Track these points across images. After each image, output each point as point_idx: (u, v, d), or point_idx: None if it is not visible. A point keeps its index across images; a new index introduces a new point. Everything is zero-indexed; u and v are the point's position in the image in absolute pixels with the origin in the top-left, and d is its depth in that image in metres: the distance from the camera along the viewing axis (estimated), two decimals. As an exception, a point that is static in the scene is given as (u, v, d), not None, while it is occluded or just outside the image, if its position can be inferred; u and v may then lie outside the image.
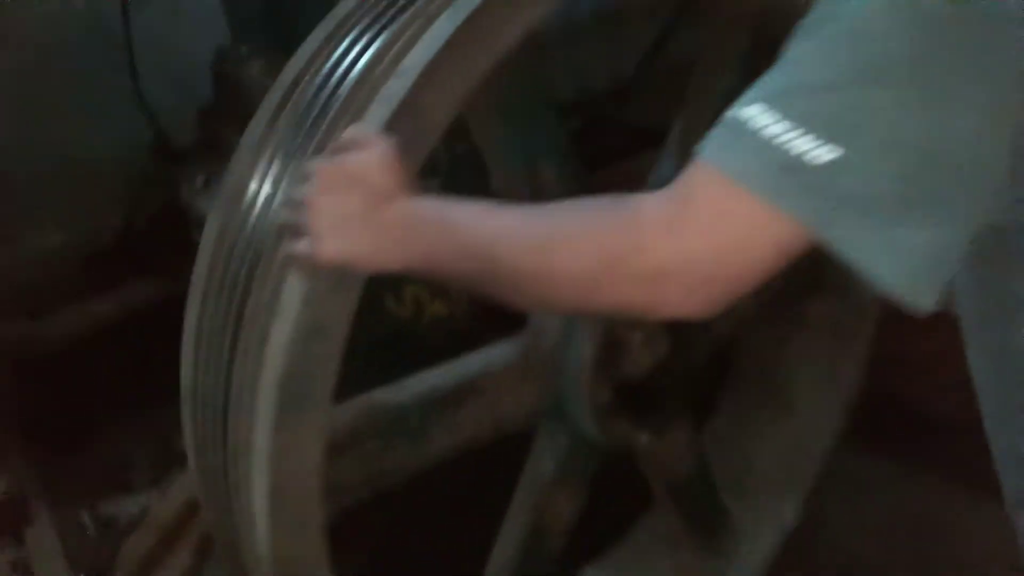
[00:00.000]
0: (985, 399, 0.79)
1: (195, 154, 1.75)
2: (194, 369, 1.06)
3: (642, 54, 1.81)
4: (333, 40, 1.05)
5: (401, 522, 1.59)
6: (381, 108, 0.88)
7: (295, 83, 1.05)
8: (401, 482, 1.15)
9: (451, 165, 1.42)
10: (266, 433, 0.88)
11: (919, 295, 0.58)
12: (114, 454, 1.93)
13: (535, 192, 1.15)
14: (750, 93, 0.61)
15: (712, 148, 0.61)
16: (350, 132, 0.88)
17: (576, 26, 1.38)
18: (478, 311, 1.56)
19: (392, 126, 0.87)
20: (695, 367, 1.29)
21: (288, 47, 1.12)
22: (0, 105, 2.28)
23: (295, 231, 0.84)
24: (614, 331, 1.15)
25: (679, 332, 1.22)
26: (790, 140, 0.56)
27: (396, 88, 0.88)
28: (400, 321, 1.56)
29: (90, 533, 1.64)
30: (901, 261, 0.57)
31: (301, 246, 0.83)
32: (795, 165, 0.56)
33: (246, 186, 1.04)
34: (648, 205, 0.64)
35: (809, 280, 1.48)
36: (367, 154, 0.82)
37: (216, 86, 1.69)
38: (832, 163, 0.56)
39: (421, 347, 1.58)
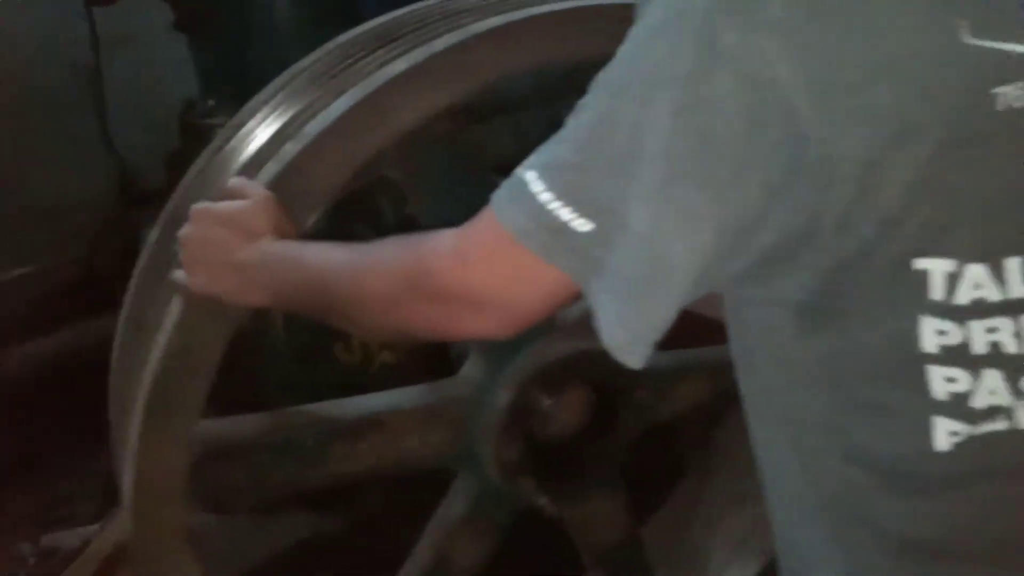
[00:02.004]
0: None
1: (159, 198, 1.80)
2: (114, 366, 1.18)
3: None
4: (265, 103, 1.15)
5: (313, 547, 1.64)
6: (273, 166, 0.99)
7: (227, 138, 1.14)
8: (293, 495, 1.28)
9: (399, 225, 1.49)
10: (135, 434, 0.99)
11: (630, 357, 0.68)
12: (59, 488, 1.94)
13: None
14: (534, 156, 0.69)
15: (499, 200, 0.70)
16: (234, 182, 0.99)
17: (516, 99, 1.46)
18: (425, 360, 1.61)
19: (278, 183, 0.96)
20: (621, 445, 1.32)
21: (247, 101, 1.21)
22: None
23: (176, 262, 0.95)
24: (529, 393, 1.20)
25: (602, 408, 1.26)
26: (557, 208, 0.65)
27: (289, 150, 0.99)
28: (349, 368, 1.61)
29: (30, 563, 1.66)
30: (623, 326, 0.67)
31: (178, 275, 0.95)
32: (562, 230, 0.65)
33: (169, 220, 1.15)
34: (444, 237, 0.74)
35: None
36: (242, 201, 0.93)
37: (183, 134, 1.76)
38: (587, 234, 0.65)
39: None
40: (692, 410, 1.45)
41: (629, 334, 0.67)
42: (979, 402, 0.65)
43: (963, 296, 0.64)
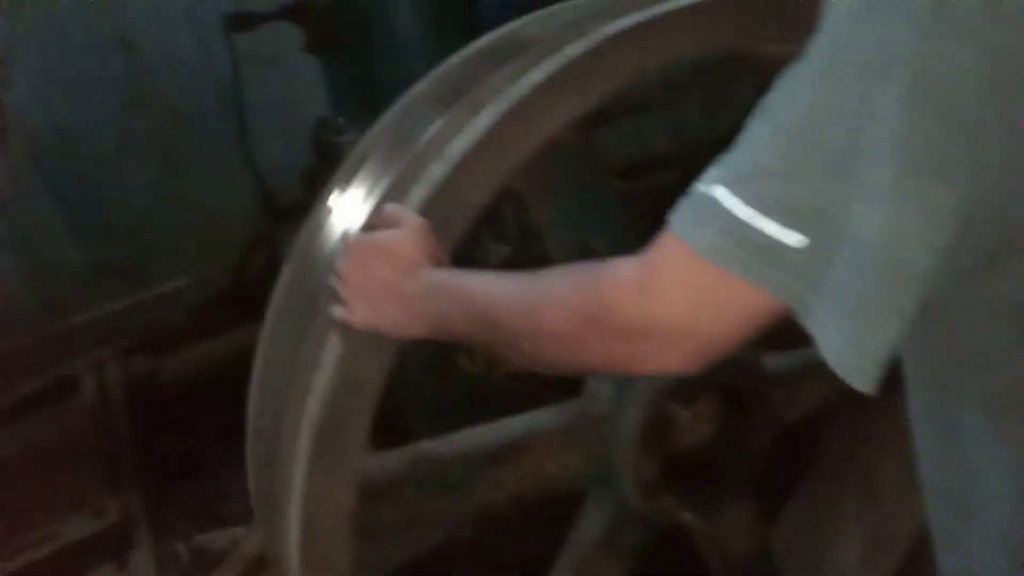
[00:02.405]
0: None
1: (297, 213, 1.88)
2: (256, 406, 1.18)
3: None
4: (395, 126, 1.15)
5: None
6: (421, 189, 0.97)
7: (362, 159, 1.15)
8: (441, 526, 1.20)
9: (521, 233, 1.49)
10: (301, 475, 0.97)
11: (864, 380, 0.59)
12: (217, 488, 2.07)
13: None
14: (716, 170, 0.63)
15: (683, 223, 0.63)
16: (388, 210, 0.96)
17: (637, 101, 1.42)
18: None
19: (429, 206, 0.94)
20: (756, 450, 1.27)
21: (376, 119, 1.24)
22: (140, 164, 2.56)
23: (334, 296, 0.93)
24: (664, 406, 1.15)
25: (735, 413, 1.22)
26: (759, 222, 0.59)
27: (437, 171, 0.96)
28: (473, 378, 1.63)
29: (184, 562, 1.78)
30: (856, 347, 0.58)
31: (337, 311, 0.92)
32: (767, 246, 0.59)
33: (312, 245, 1.15)
34: (623, 268, 0.69)
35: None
36: (398, 231, 0.90)
37: (316, 151, 1.83)
38: (799, 247, 0.58)
39: (494, 403, 1.64)
40: (819, 409, 1.38)
41: (864, 356, 0.58)
42: None
43: None
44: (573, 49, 1.01)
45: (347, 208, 1.12)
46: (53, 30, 2.40)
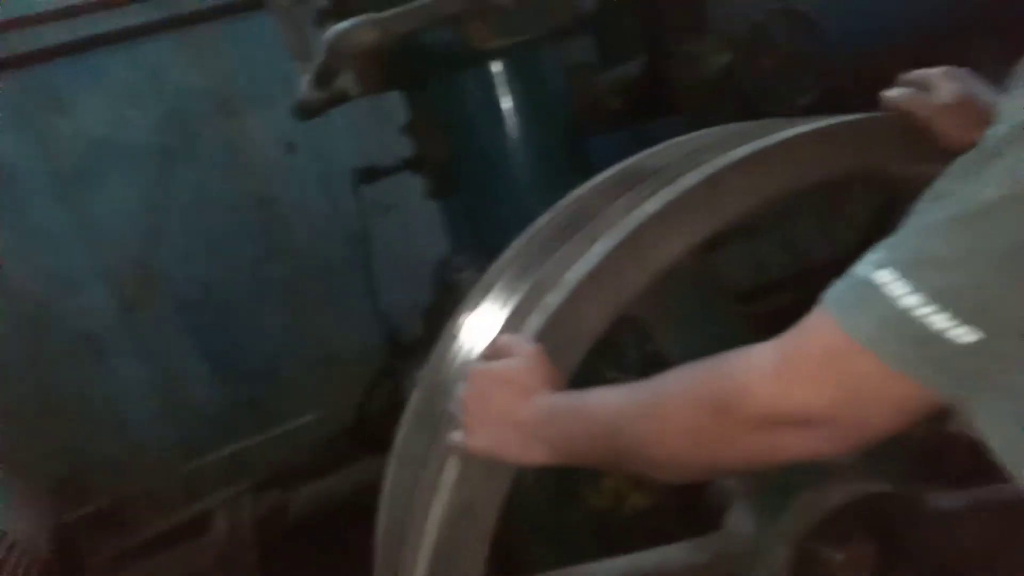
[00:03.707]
0: None
1: (419, 349, 1.95)
2: (382, 531, 1.19)
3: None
4: (514, 260, 1.20)
5: None
6: (537, 318, 0.99)
7: (484, 292, 1.20)
8: None
9: (642, 362, 1.48)
10: None
11: None
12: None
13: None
14: (879, 254, 0.60)
15: (839, 306, 0.61)
16: (503, 340, 0.98)
17: (750, 225, 1.43)
18: (681, 504, 1.55)
19: (544, 335, 0.96)
20: None
21: (494, 258, 1.30)
22: (273, 309, 2.74)
23: (454, 423, 0.95)
24: (814, 546, 1.07)
25: (892, 557, 1.13)
26: (927, 315, 0.56)
27: (552, 300, 0.98)
28: (599, 511, 1.59)
29: None
30: (1019, 447, 0.55)
31: (456, 436, 0.93)
32: (932, 340, 0.56)
33: (437, 374, 1.18)
34: (755, 353, 0.66)
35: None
36: (515, 359, 0.92)
37: (436, 290, 1.91)
38: (970, 345, 0.55)
39: (622, 538, 1.59)
40: (979, 554, 1.25)
41: None
42: None
43: None
44: (691, 178, 1.03)
45: (470, 337, 1.16)
46: (199, 192, 2.66)
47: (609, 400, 0.80)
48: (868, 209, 1.80)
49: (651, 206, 1.02)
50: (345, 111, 1.98)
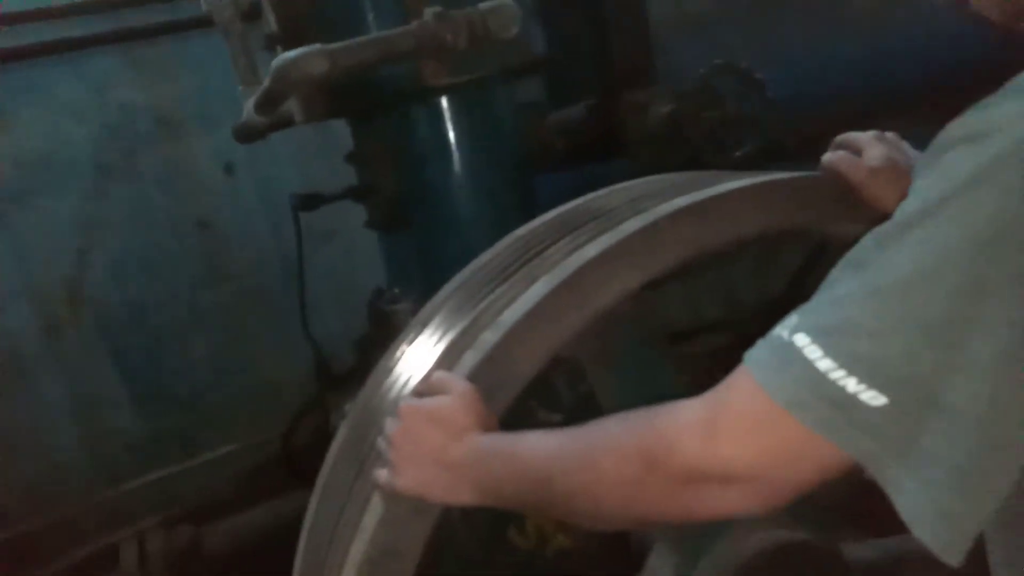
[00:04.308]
0: None
1: (349, 381, 1.91)
2: (301, 565, 1.16)
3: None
4: (454, 295, 1.19)
5: None
6: (472, 356, 0.98)
7: (421, 326, 1.19)
8: None
9: (574, 402, 1.48)
10: None
11: (955, 555, 0.56)
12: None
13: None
14: (797, 318, 0.62)
15: (759, 367, 0.62)
16: (437, 376, 0.96)
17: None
18: (604, 546, 1.55)
19: (479, 373, 0.95)
20: None
21: (432, 291, 1.28)
22: (205, 336, 2.67)
23: (381, 460, 0.92)
24: None
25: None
26: (840, 378, 0.57)
27: (488, 339, 0.98)
28: (524, 553, 1.57)
29: None
30: (949, 522, 0.56)
31: (383, 475, 0.91)
32: (846, 403, 0.57)
33: (366, 408, 1.16)
34: (686, 409, 0.67)
35: None
36: (447, 396, 0.90)
37: (371, 320, 1.89)
38: (881, 409, 0.56)
39: (546, 578, 1.57)
40: None
41: (957, 530, 0.56)
42: None
43: None
44: (631, 225, 1.05)
45: (402, 372, 1.14)
46: (136, 212, 2.59)
47: (539, 447, 0.79)
48: (800, 257, 1.85)
49: (592, 250, 1.03)
50: (289, 135, 1.96)
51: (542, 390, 1.56)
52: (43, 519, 2.44)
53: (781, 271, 1.90)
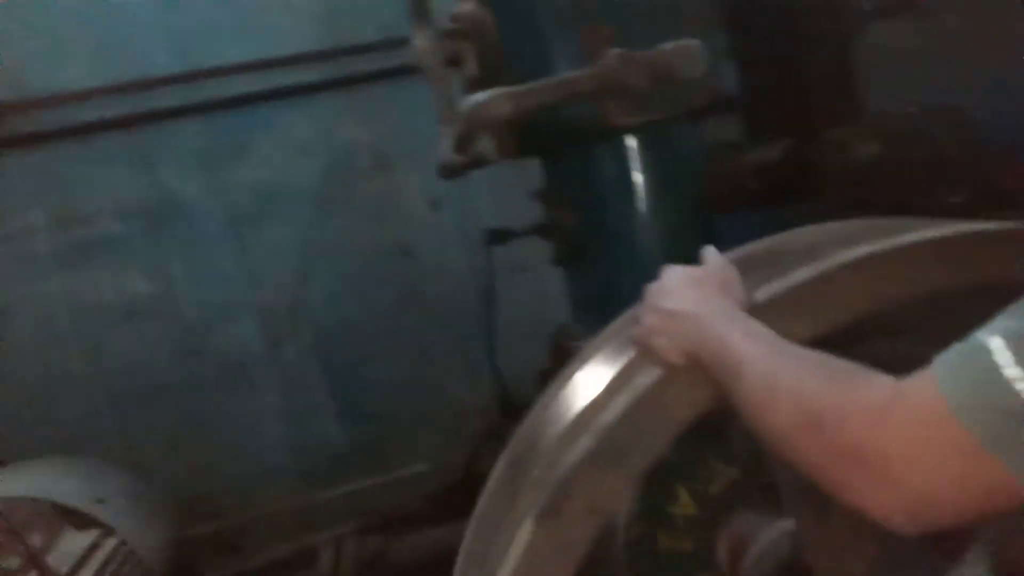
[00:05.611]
0: None
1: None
2: None
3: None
4: (621, 328, 1.19)
5: None
6: (624, 398, 0.99)
7: (584, 361, 1.19)
8: None
9: (749, 458, 1.41)
10: None
11: None
12: None
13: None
14: (1001, 319, 0.57)
15: (943, 364, 0.58)
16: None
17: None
18: None
19: (631, 415, 0.96)
20: None
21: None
22: (403, 353, 2.83)
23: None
24: None
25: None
26: (1022, 387, 0.52)
27: (642, 382, 0.98)
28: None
29: None
30: None
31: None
32: (1021, 415, 0.51)
33: (521, 442, 1.20)
34: (875, 386, 0.63)
35: None
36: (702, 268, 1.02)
37: (552, 355, 1.91)
38: None
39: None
40: None
41: None
42: None
43: None
44: (803, 273, 1.00)
45: (559, 410, 1.15)
46: (349, 239, 2.82)
47: (745, 346, 0.81)
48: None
49: (760, 295, 0.99)
50: (489, 173, 2.05)
51: (717, 440, 1.50)
52: (249, 515, 2.69)
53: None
